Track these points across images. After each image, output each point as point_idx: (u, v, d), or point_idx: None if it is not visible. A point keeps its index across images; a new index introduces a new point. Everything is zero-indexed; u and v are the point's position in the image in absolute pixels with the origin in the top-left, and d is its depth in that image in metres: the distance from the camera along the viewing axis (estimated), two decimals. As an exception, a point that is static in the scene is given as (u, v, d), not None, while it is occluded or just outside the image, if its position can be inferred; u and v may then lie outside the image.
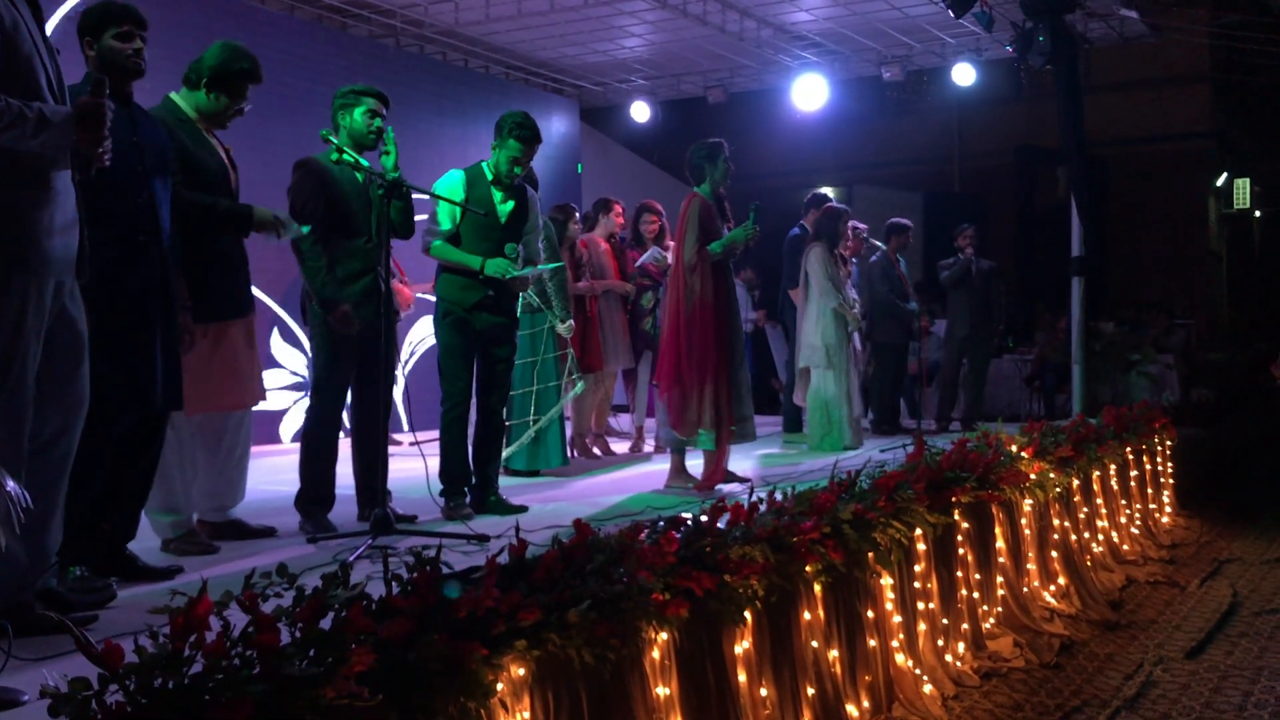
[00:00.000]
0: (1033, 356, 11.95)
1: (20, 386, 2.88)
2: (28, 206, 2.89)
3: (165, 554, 4.12)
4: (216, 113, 4.31)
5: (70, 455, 3.05)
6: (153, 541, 4.19)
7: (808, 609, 3.59)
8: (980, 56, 11.60)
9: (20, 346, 2.88)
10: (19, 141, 2.80)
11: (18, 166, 2.87)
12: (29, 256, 2.89)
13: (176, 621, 2.00)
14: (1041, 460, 5.77)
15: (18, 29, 2.90)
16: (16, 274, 2.88)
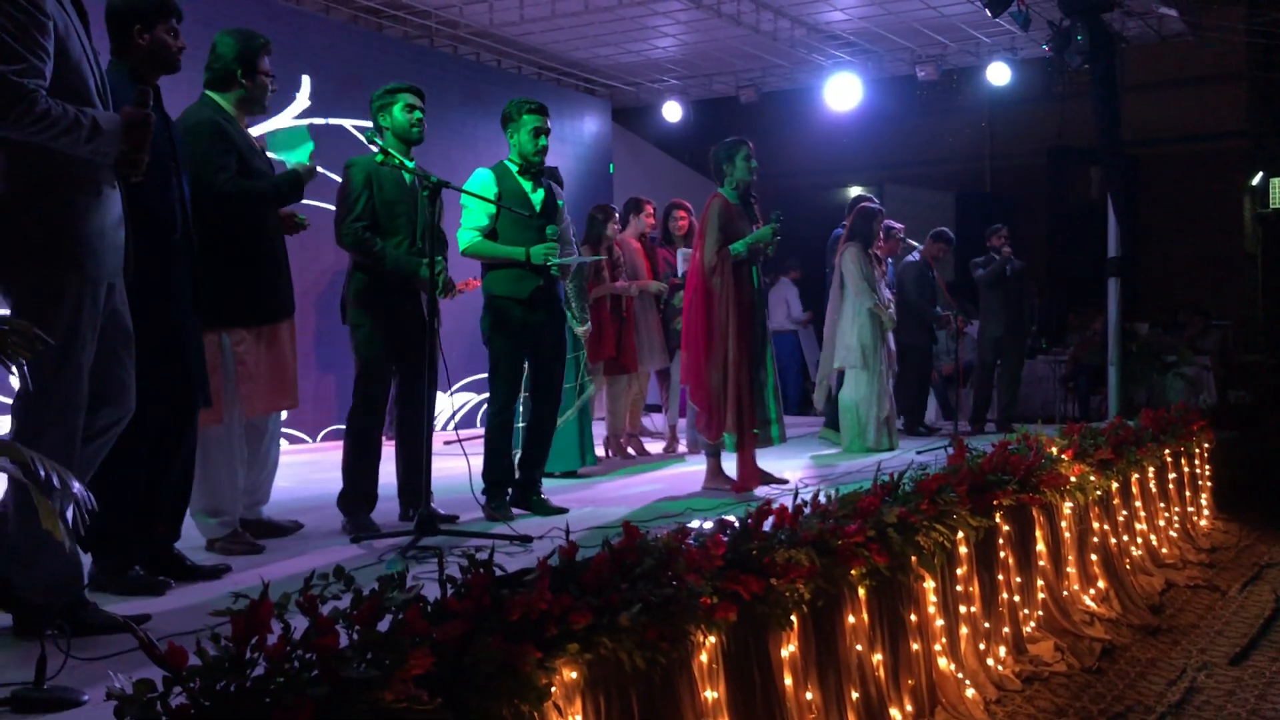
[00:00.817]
0: (1067, 357, 11.85)
1: (75, 388, 2.92)
2: (81, 210, 2.95)
3: (211, 553, 4.15)
4: (257, 99, 4.33)
5: (105, 449, 3.09)
6: (198, 540, 4.23)
7: (852, 612, 3.59)
8: (1015, 56, 11.52)
9: (76, 347, 2.93)
10: (73, 147, 2.86)
11: (70, 170, 2.92)
12: (83, 259, 2.95)
13: (238, 624, 2.01)
14: (1081, 463, 5.74)
15: (69, 35, 2.95)
16: (72, 276, 2.93)
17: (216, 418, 4.20)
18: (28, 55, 2.81)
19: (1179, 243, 16.40)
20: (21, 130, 2.80)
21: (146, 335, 3.35)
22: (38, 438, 2.82)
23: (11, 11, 2.80)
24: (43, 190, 2.92)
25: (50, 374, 2.87)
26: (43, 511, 1.89)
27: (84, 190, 2.97)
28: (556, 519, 4.88)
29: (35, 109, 2.77)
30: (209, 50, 4.32)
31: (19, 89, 2.77)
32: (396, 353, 4.77)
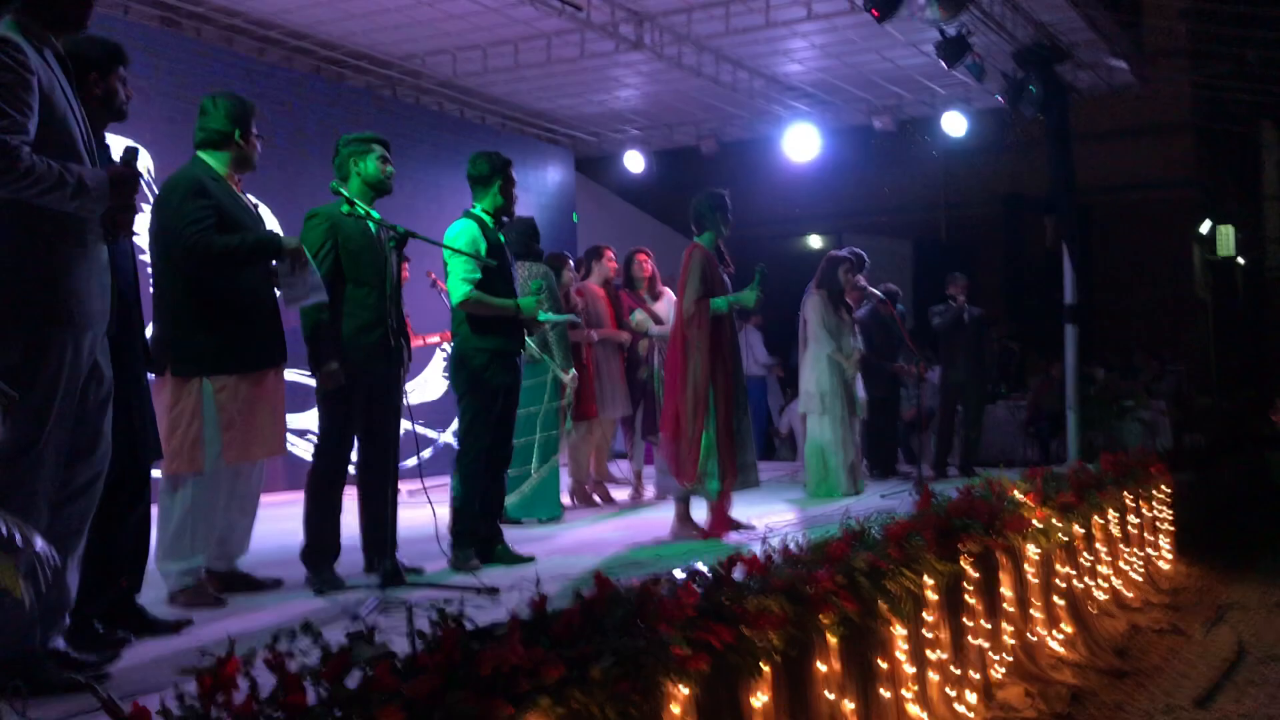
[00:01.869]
0: (1026, 402, 11.98)
1: (55, 441, 2.91)
2: (68, 262, 2.95)
3: (173, 606, 4.07)
4: (248, 159, 4.38)
5: (93, 507, 3.05)
6: (157, 594, 4.15)
7: (823, 660, 3.57)
8: (970, 106, 11.73)
9: (57, 402, 2.91)
10: (59, 203, 2.88)
11: (58, 224, 2.93)
12: (72, 310, 2.95)
13: (204, 682, 1.97)
14: (1044, 507, 5.77)
15: (54, 90, 2.96)
16: (57, 330, 2.93)
17: (197, 466, 4.15)
18: (11, 111, 2.81)
19: (1132, 289, 16.69)
20: (6, 187, 2.80)
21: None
22: (12, 492, 2.81)
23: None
24: (31, 244, 2.91)
25: (32, 427, 2.86)
26: (3, 570, 1.85)
27: (71, 243, 2.97)
28: (524, 568, 4.84)
29: (19, 165, 2.78)
30: (199, 112, 4.38)
31: (2, 145, 2.77)
32: (360, 403, 4.72)
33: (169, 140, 7.34)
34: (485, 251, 5.04)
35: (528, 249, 6.57)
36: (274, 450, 4.47)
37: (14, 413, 2.86)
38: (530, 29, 9.66)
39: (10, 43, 2.87)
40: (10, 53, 2.85)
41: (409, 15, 9.19)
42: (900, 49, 10.18)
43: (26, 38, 2.92)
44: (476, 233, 5.11)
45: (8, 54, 2.84)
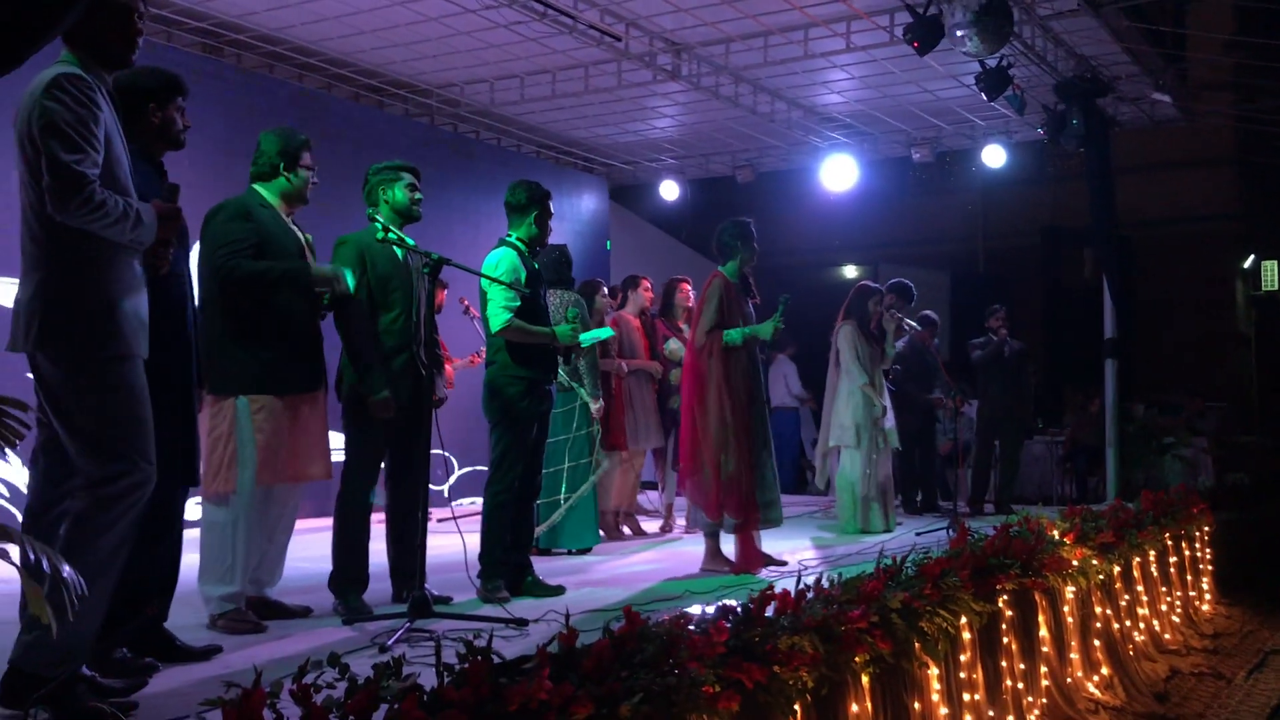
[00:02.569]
0: (1064, 438, 11.83)
1: (148, 456, 3.03)
2: (116, 290, 3.03)
3: (213, 630, 4.07)
4: (298, 191, 4.44)
5: (135, 527, 3.06)
6: (196, 618, 4.14)
7: (855, 701, 3.50)
8: (1010, 139, 11.66)
9: (144, 416, 3.04)
10: (118, 235, 2.98)
11: (107, 253, 3.02)
12: (122, 336, 3.03)
13: (229, 715, 1.95)
14: (1083, 546, 5.67)
15: (111, 127, 3.06)
16: (116, 357, 3.02)
17: (231, 486, 4.16)
18: (86, 147, 2.92)
19: (1173, 324, 16.50)
20: (79, 219, 2.89)
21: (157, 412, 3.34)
22: (116, 509, 2.92)
23: (70, 104, 2.91)
24: (82, 271, 2.99)
25: (122, 447, 2.96)
26: (30, 596, 1.85)
27: (118, 272, 3.04)
28: (553, 600, 4.80)
29: (94, 199, 2.88)
30: (255, 146, 4.49)
31: (81, 179, 2.87)
32: (388, 431, 4.72)
33: (207, 165, 7.42)
34: (524, 280, 5.04)
35: (560, 277, 6.57)
36: (312, 475, 4.46)
37: (98, 440, 2.94)
38: (568, 59, 9.71)
39: (81, 79, 2.97)
40: (83, 89, 2.96)
41: (448, 44, 9.26)
42: (940, 81, 10.15)
43: (90, 75, 3.02)
44: (516, 261, 5.11)
45: (80, 90, 2.95)
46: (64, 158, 2.87)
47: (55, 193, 2.87)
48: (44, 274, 2.97)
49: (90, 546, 2.64)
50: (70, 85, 2.94)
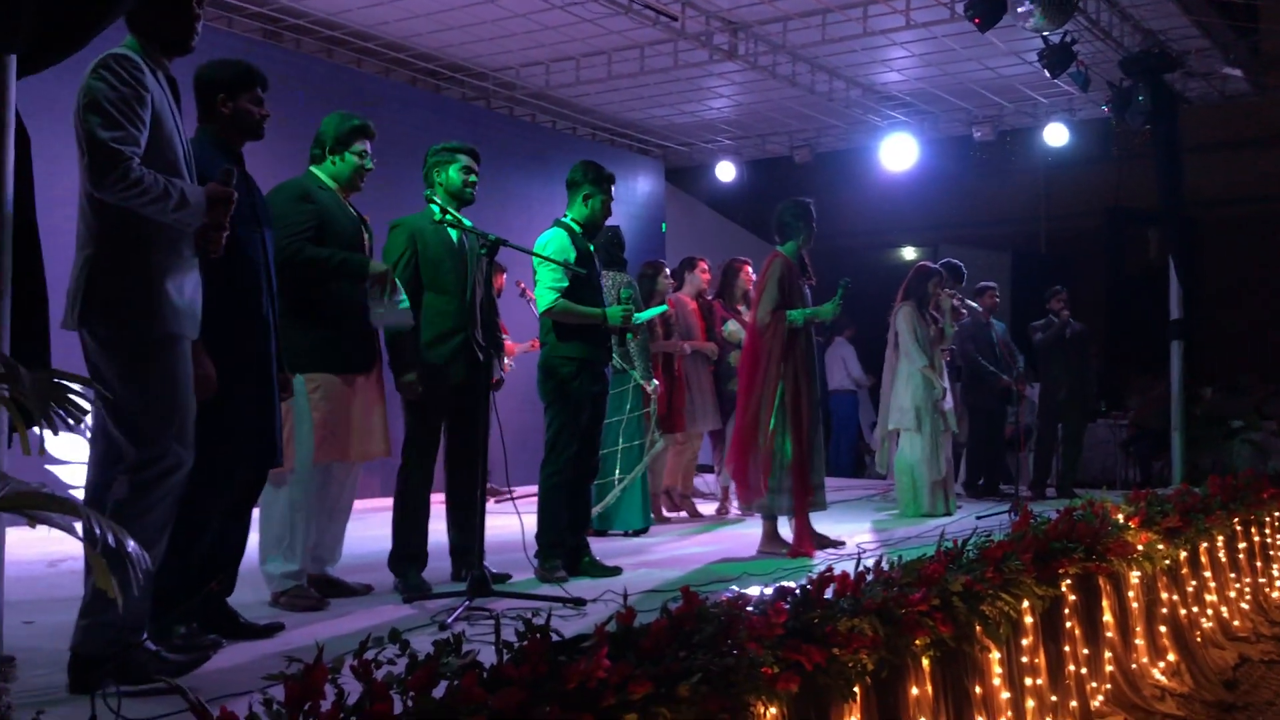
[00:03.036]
0: (1128, 421, 11.61)
1: (186, 439, 3.05)
2: (164, 271, 3.07)
3: (273, 608, 4.12)
4: (349, 175, 4.46)
5: (176, 506, 3.10)
6: (256, 595, 4.19)
7: (916, 684, 3.46)
8: (1073, 116, 11.44)
9: (181, 401, 3.06)
10: (159, 214, 3.00)
11: (155, 234, 3.05)
12: (169, 316, 3.06)
13: (292, 689, 1.97)
14: (1148, 530, 5.57)
15: (164, 109, 3.11)
16: (159, 337, 3.04)
17: (288, 465, 4.20)
18: (126, 124, 2.96)
19: (1241, 305, 16.11)
20: (115, 195, 2.93)
21: (231, 398, 3.41)
22: (146, 499, 2.95)
23: (114, 82, 2.97)
24: (130, 251, 3.03)
25: (157, 434, 2.99)
26: (97, 570, 1.87)
27: (167, 253, 3.08)
28: (610, 580, 4.81)
29: (130, 176, 2.91)
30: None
31: (117, 155, 2.91)
32: (447, 410, 4.74)
33: (266, 149, 7.47)
34: (574, 260, 5.03)
35: (611, 258, 6.55)
36: (371, 453, 4.49)
37: (135, 421, 2.97)
38: (624, 39, 9.67)
39: (129, 59, 3.03)
40: (129, 69, 3.01)
41: (504, 27, 9.26)
42: (1002, 58, 9.97)
43: (143, 59, 3.08)
44: (566, 241, 5.10)
45: (126, 70, 3.00)
46: (101, 134, 2.91)
47: (92, 169, 2.92)
48: (91, 251, 3.03)
49: (131, 530, 2.67)
50: (116, 65, 2.99)
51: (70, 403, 2.00)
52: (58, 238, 3.25)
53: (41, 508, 1.93)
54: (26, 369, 1.96)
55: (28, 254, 2.68)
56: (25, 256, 2.65)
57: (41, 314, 2.77)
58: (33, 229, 2.74)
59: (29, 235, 2.71)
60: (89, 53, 3.04)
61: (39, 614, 3.89)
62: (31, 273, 2.71)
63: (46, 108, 4.88)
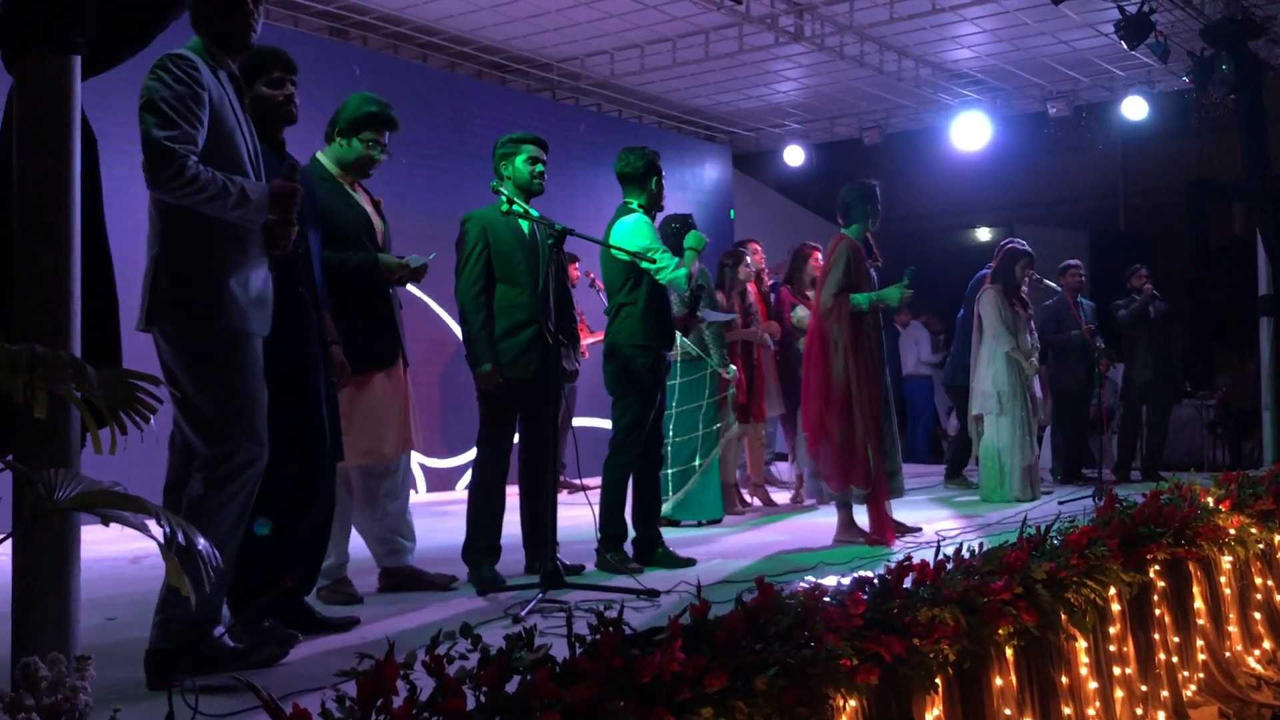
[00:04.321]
0: (1215, 401, 11.29)
1: (257, 435, 3.06)
2: (230, 268, 3.07)
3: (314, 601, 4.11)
4: (354, 161, 4.32)
5: (251, 501, 3.12)
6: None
7: (999, 674, 3.38)
8: (1152, 89, 11.13)
9: (252, 397, 3.08)
10: (220, 212, 3.01)
11: (220, 232, 3.05)
12: (235, 314, 3.06)
13: (364, 686, 1.95)
14: (1240, 514, 5.40)
15: (224, 105, 3.12)
16: (228, 335, 3.05)
17: None
18: (181, 122, 2.97)
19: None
20: (172, 193, 2.94)
21: (275, 389, 3.38)
22: (218, 497, 2.97)
23: (170, 81, 2.98)
24: (193, 249, 3.04)
25: (225, 431, 3.00)
26: (169, 567, 1.87)
27: (231, 250, 3.08)
28: (684, 571, 4.77)
29: (185, 174, 2.92)
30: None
31: (171, 154, 2.92)
32: (520, 402, 4.73)
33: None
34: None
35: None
36: (384, 454, 4.35)
37: (204, 419, 2.99)
38: (688, 25, 9.60)
39: (185, 59, 3.05)
40: (185, 67, 3.02)
41: (568, 16, 9.25)
42: (1076, 31, 9.72)
43: (204, 58, 3.10)
44: (651, 223, 5.13)
45: (182, 69, 3.01)
46: (156, 133, 2.92)
47: (148, 167, 2.93)
48: (159, 250, 3.05)
49: (206, 527, 2.69)
50: (172, 64, 3.00)
51: (139, 401, 2.00)
52: (131, 241, 3.28)
53: (113, 506, 1.94)
54: (95, 370, 1.97)
55: (97, 255, 2.70)
56: (94, 258, 2.67)
57: (112, 315, 2.80)
58: (101, 230, 2.76)
59: (97, 236, 2.73)
60: (156, 52, 3.07)
61: (122, 610, 3.96)
62: (101, 274, 2.73)
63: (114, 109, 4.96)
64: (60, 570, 2.39)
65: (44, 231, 2.49)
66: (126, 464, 4.06)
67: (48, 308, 2.47)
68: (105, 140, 2.89)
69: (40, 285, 2.48)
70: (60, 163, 2.51)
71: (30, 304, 2.47)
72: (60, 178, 2.51)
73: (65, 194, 2.51)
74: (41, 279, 2.48)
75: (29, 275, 2.48)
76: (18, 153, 2.50)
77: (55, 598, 2.39)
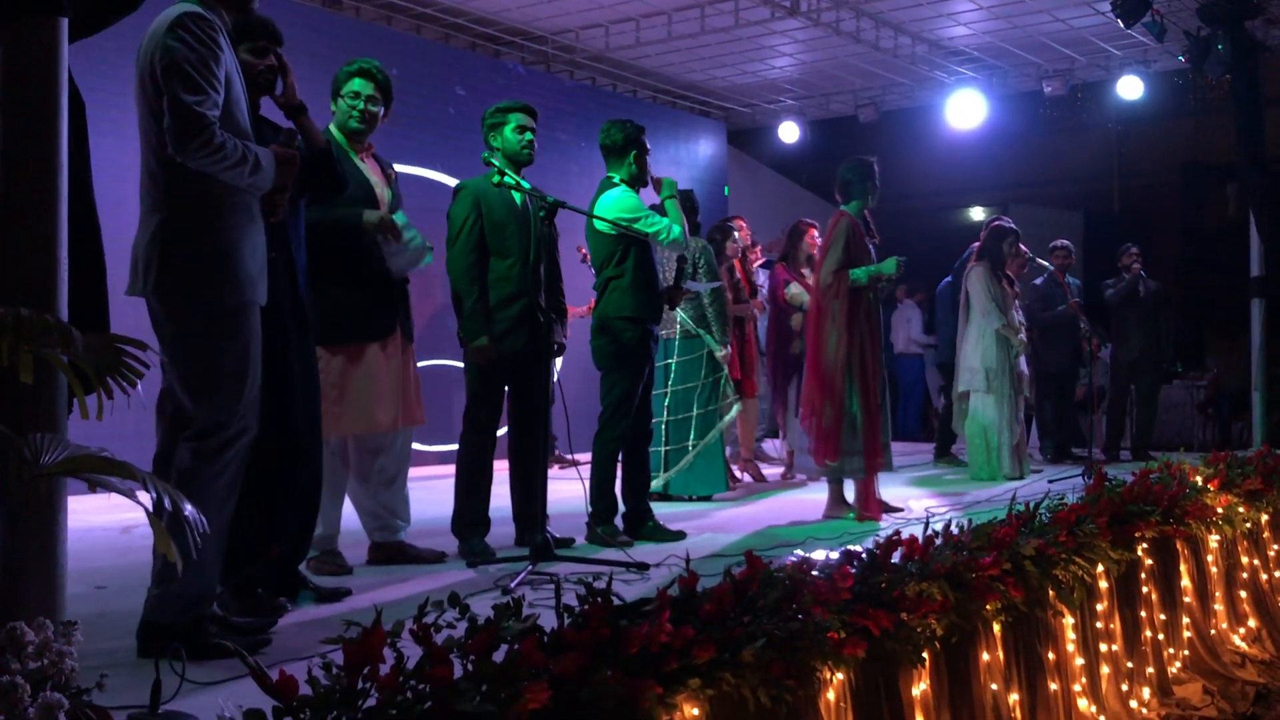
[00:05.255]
0: (1206, 382, 11.32)
1: (252, 406, 3.02)
2: (237, 234, 3.02)
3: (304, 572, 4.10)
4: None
5: (241, 473, 3.08)
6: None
7: (987, 649, 3.40)
8: (1148, 69, 11.10)
9: (251, 368, 3.03)
10: (237, 179, 2.96)
11: (227, 197, 3.00)
12: (243, 281, 3.02)
13: (350, 653, 1.95)
14: (1228, 493, 5.42)
15: (231, 70, 3.05)
16: (237, 302, 3.01)
17: None
18: (207, 87, 2.90)
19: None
20: (198, 160, 2.88)
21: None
22: (210, 467, 2.93)
23: (192, 43, 2.90)
24: (203, 215, 2.98)
25: (226, 401, 2.96)
26: (156, 534, 1.86)
27: (239, 216, 3.03)
28: (673, 545, 4.78)
29: (214, 140, 2.87)
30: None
31: (202, 119, 2.86)
32: (508, 374, 4.72)
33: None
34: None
35: (688, 223, 6.47)
36: (379, 425, 4.30)
37: (205, 388, 2.96)
38: (684, -1, 9.55)
39: (204, 19, 2.95)
40: (205, 29, 2.93)
41: (563, -12, 9.20)
42: (1073, 9, 9.68)
43: (208, 13, 3.00)
44: (637, 196, 5.08)
45: (202, 29, 2.92)
46: (185, 98, 2.85)
47: (175, 134, 2.86)
48: (163, 216, 2.97)
49: (197, 498, 2.67)
50: (193, 24, 2.91)
51: (126, 366, 1.99)
52: (120, 210, 3.24)
53: (100, 471, 1.93)
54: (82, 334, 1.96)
55: (85, 221, 2.68)
56: (82, 224, 2.64)
57: (100, 281, 2.77)
58: (89, 196, 2.73)
59: (85, 201, 2.70)
60: (143, 16, 3.03)
61: (111, 579, 3.96)
62: (89, 240, 2.70)
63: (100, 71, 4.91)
64: (47, 536, 2.39)
65: (30, 197, 2.46)
66: (116, 434, 4.06)
67: (34, 273, 2.44)
68: (95, 110, 2.86)
69: (27, 251, 2.45)
70: (47, 127, 2.48)
71: (17, 269, 2.45)
72: (47, 143, 2.48)
73: (52, 159, 2.48)
74: (28, 245, 2.45)
75: (15, 241, 2.46)
76: (4, 116, 2.47)
77: (42, 564, 2.38)
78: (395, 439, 4.43)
